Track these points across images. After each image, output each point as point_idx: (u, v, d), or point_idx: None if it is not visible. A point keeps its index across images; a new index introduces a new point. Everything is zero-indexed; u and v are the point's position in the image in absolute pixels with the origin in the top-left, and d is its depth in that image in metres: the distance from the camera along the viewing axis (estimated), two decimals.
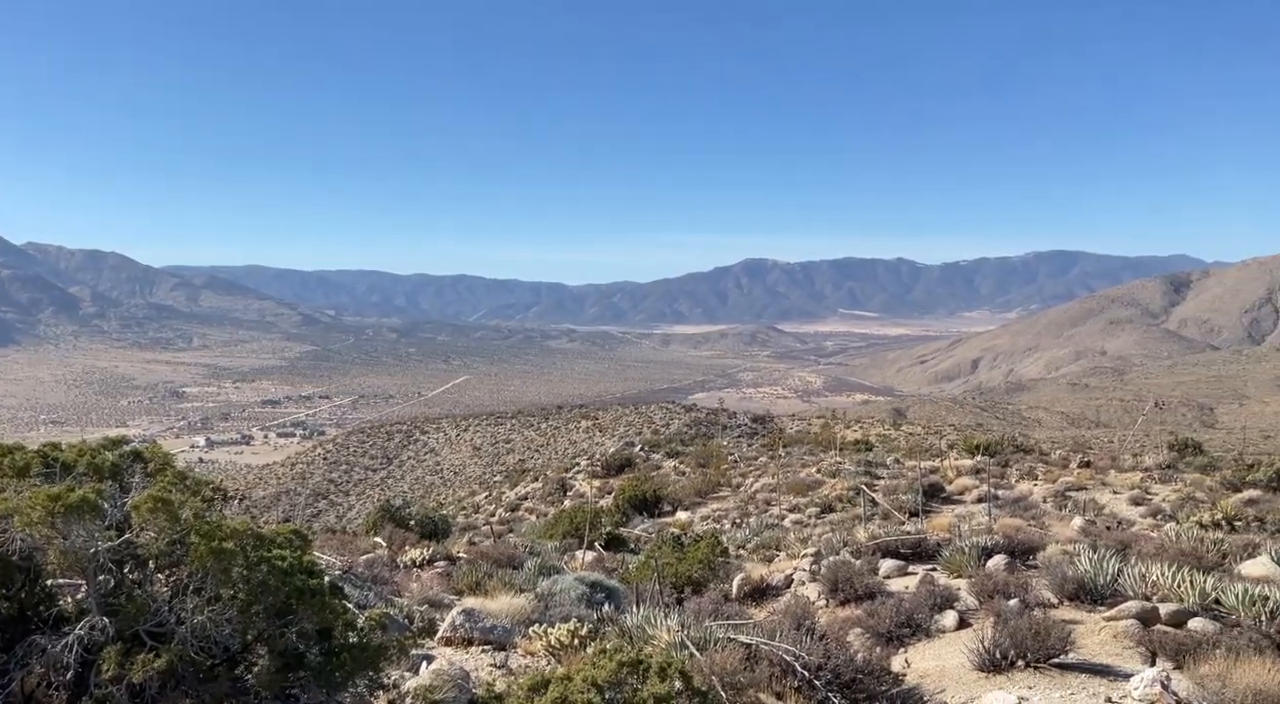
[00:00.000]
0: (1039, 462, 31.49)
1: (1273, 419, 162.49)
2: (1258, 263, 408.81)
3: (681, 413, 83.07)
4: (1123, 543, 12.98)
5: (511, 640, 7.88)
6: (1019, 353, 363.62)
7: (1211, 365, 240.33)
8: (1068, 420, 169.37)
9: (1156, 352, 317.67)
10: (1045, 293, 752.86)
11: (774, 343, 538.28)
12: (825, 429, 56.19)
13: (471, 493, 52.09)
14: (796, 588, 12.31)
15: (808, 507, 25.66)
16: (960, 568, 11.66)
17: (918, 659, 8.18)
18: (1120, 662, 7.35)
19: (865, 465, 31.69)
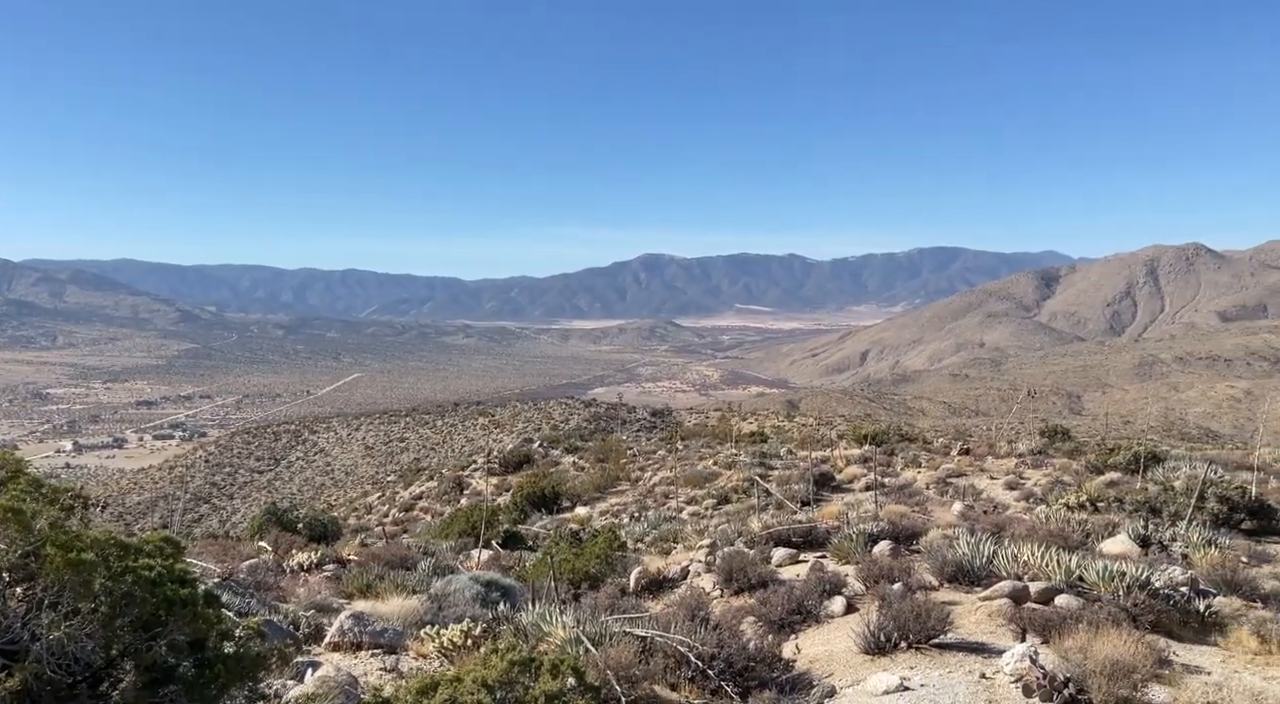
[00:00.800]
0: (923, 450, 32.75)
1: (1132, 405, 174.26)
2: (1119, 259, 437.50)
3: (581, 408, 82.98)
4: (998, 526, 13.64)
5: (403, 643, 7.70)
6: (904, 345, 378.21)
7: (1078, 356, 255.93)
8: (949, 410, 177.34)
9: (1030, 343, 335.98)
10: (929, 288, 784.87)
11: (672, 337, 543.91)
12: (722, 422, 57.12)
13: (364, 493, 50.71)
14: (693, 579, 12.47)
15: (705, 498, 26.00)
16: (848, 554, 12.04)
17: (808, 645, 8.40)
18: (994, 639, 7.73)
19: (760, 456, 32.34)
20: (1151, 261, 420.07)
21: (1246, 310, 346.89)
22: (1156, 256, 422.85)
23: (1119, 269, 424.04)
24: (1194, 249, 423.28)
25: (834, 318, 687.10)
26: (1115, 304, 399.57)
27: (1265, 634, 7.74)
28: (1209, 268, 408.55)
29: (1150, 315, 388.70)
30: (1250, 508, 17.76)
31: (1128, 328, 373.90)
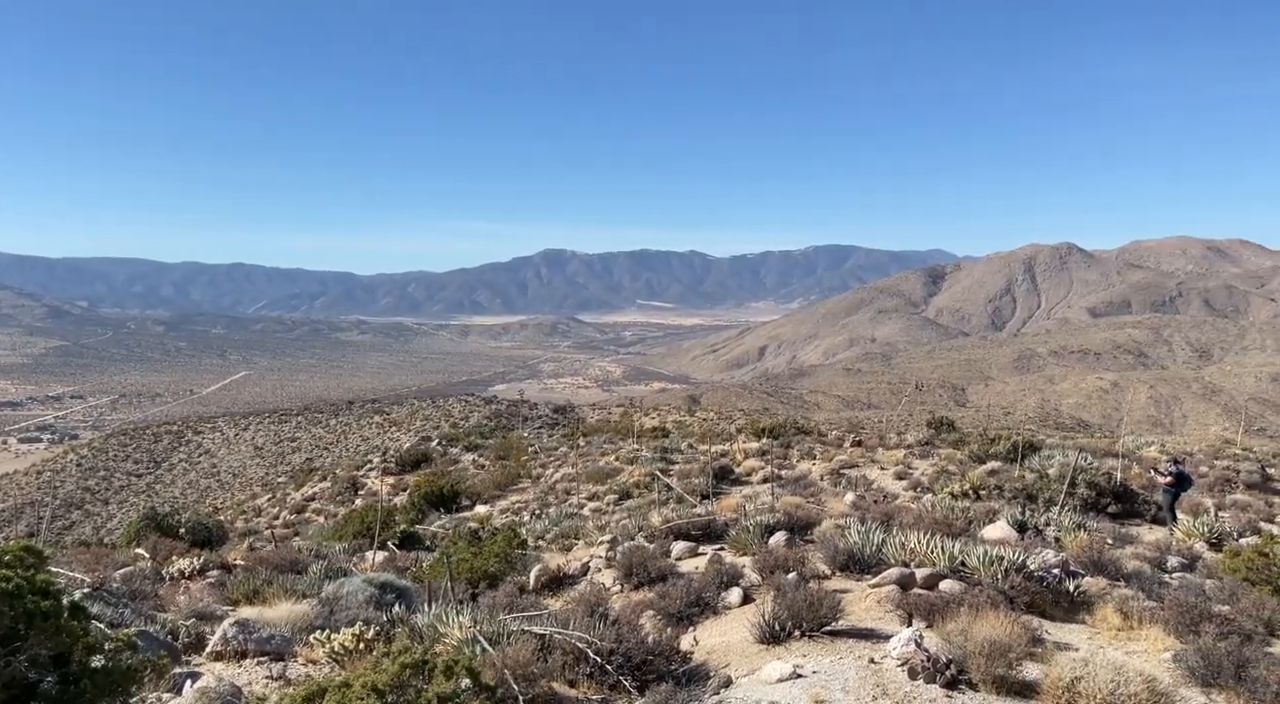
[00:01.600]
0: (818, 442, 33.66)
1: (1012, 397, 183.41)
2: (999, 257, 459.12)
3: (481, 405, 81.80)
4: (887, 515, 14.13)
5: (291, 649, 7.43)
6: (801, 341, 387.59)
7: (963, 350, 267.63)
8: (843, 403, 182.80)
9: (918, 338, 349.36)
10: (824, 284, 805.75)
11: (574, 333, 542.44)
12: (624, 417, 57.27)
13: (252, 496, 48.75)
14: (593, 575, 12.47)
15: (606, 494, 26.05)
16: (746, 546, 12.26)
17: (706, 636, 8.52)
18: (883, 624, 8.00)
19: (662, 452, 32.60)
20: (1029, 260, 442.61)
21: (1113, 307, 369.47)
22: (1033, 255, 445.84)
23: (1000, 267, 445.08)
24: (1067, 249, 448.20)
25: (734, 314, 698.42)
26: (996, 301, 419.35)
27: (1127, 611, 8.27)
28: (1080, 266, 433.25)
29: (1028, 311, 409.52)
30: (1115, 493, 18.97)
31: (1008, 323, 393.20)
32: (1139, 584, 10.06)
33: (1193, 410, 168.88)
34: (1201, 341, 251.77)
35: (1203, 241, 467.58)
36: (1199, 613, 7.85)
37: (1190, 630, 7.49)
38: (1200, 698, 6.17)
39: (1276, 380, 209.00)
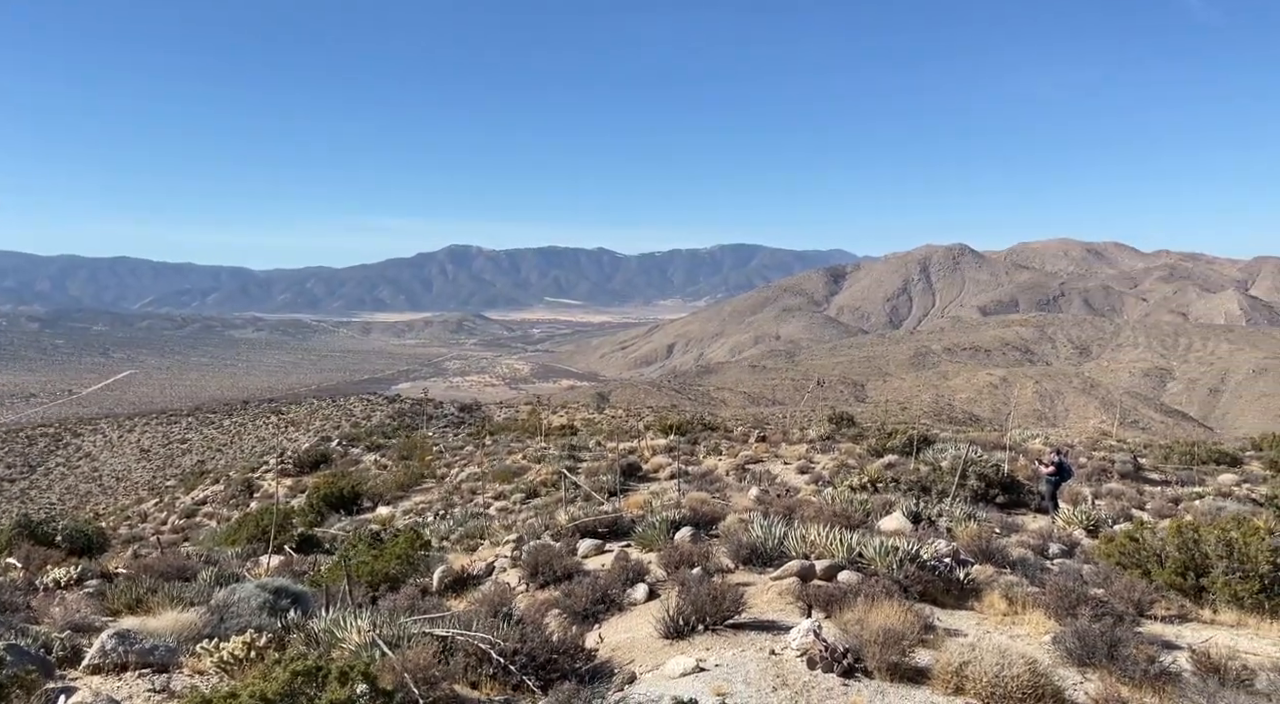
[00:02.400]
0: (724, 438, 34.14)
1: (909, 393, 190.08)
2: (897, 257, 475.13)
3: (384, 404, 79.90)
4: (789, 509, 14.42)
5: (177, 660, 7.09)
6: (708, 338, 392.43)
7: (862, 347, 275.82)
8: (749, 399, 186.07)
9: (820, 336, 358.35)
10: (730, 283, 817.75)
11: (481, 331, 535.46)
12: (532, 416, 56.87)
13: (138, 500, 46.39)
14: (498, 575, 12.34)
15: (513, 493, 25.83)
16: (652, 542, 12.32)
17: (611, 633, 8.53)
18: (784, 616, 8.16)
19: (570, 449, 32.52)
20: (924, 260, 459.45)
21: (1002, 305, 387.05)
22: (929, 256, 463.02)
23: (897, 267, 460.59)
24: (959, 249, 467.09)
25: (642, 312, 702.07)
26: (894, 299, 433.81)
27: (1013, 597, 8.67)
28: (972, 267, 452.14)
29: (924, 310, 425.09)
30: (1003, 483, 19.87)
31: (905, 321, 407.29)
32: (1023, 571, 10.54)
33: (1074, 404, 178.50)
34: (1082, 339, 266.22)
35: (1083, 244, 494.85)
36: (1076, 597, 8.29)
37: (1068, 613, 7.90)
38: (1076, 677, 6.51)
39: (1148, 375, 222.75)
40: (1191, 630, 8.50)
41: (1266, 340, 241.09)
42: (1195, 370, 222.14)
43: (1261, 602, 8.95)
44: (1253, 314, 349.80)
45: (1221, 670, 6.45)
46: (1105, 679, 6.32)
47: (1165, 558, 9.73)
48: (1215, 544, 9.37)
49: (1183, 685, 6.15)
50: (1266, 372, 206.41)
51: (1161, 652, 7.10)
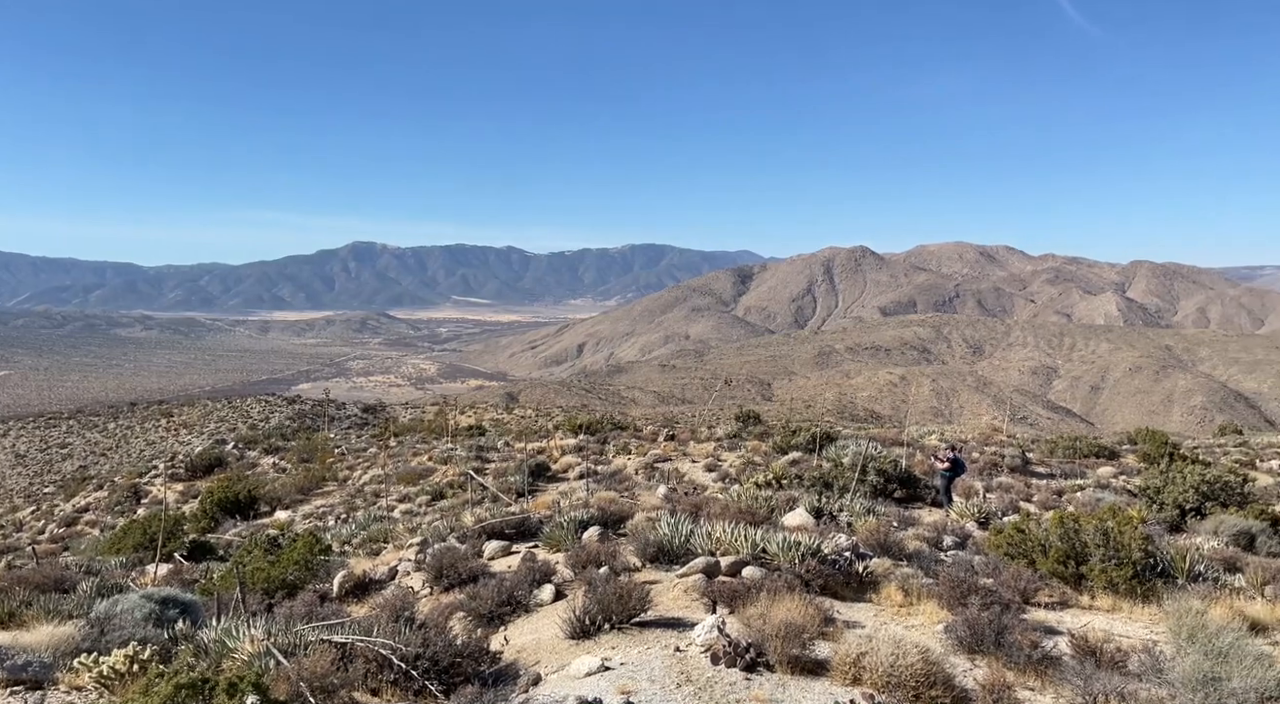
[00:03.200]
0: (633, 437, 34.27)
1: (813, 391, 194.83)
2: (802, 259, 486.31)
3: (283, 405, 77.32)
4: (696, 506, 14.56)
5: (52, 677, 6.69)
6: (618, 338, 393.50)
7: (769, 347, 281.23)
8: (659, 398, 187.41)
9: (728, 335, 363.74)
10: (640, 283, 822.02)
11: (386, 330, 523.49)
12: (439, 416, 55.96)
13: (13, 508, 43.60)
14: (401, 579, 12.08)
15: (419, 495, 25.34)
16: (559, 542, 12.27)
17: (517, 635, 8.45)
18: (689, 613, 8.24)
19: (477, 450, 32.10)
20: (828, 262, 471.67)
21: (901, 306, 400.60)
22: (832, 257, 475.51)
23: (802, 268, 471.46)
24: (861, 252, 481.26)
25: (552, 311, 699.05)
26: (799, 300, 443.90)
27: (908, 588, 8.97)
28: (873, 268, 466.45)
29: (827, 310, 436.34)
30: (901, 478, 20.54)
31: (809, 321, 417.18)
32: (919, 563, 10.92)
33: (968, 401, 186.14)
34: (975, 339, 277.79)
35: (976, 247, 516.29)
36: (967, 587, 8.63)
37: (960, 603, 8.22)
38: (966, 664, 6.77)
39: (1036, 373, 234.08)
40: (1072, 616, 8.96)
41: (1141, 340, 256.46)
42: (1078, 368, 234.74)
43: (1134, 587, 9.50)
44: (1129, 315, 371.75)
45: (1098, 654, 6.82)
46: (993, 665, 6.61)
47: (1049, 548, 10.22)
48: (1093, 534, 9.89)
49: (1063, 669, 6.47)
50: (1141, 370, 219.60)
51: (1044, 637, 7.46)
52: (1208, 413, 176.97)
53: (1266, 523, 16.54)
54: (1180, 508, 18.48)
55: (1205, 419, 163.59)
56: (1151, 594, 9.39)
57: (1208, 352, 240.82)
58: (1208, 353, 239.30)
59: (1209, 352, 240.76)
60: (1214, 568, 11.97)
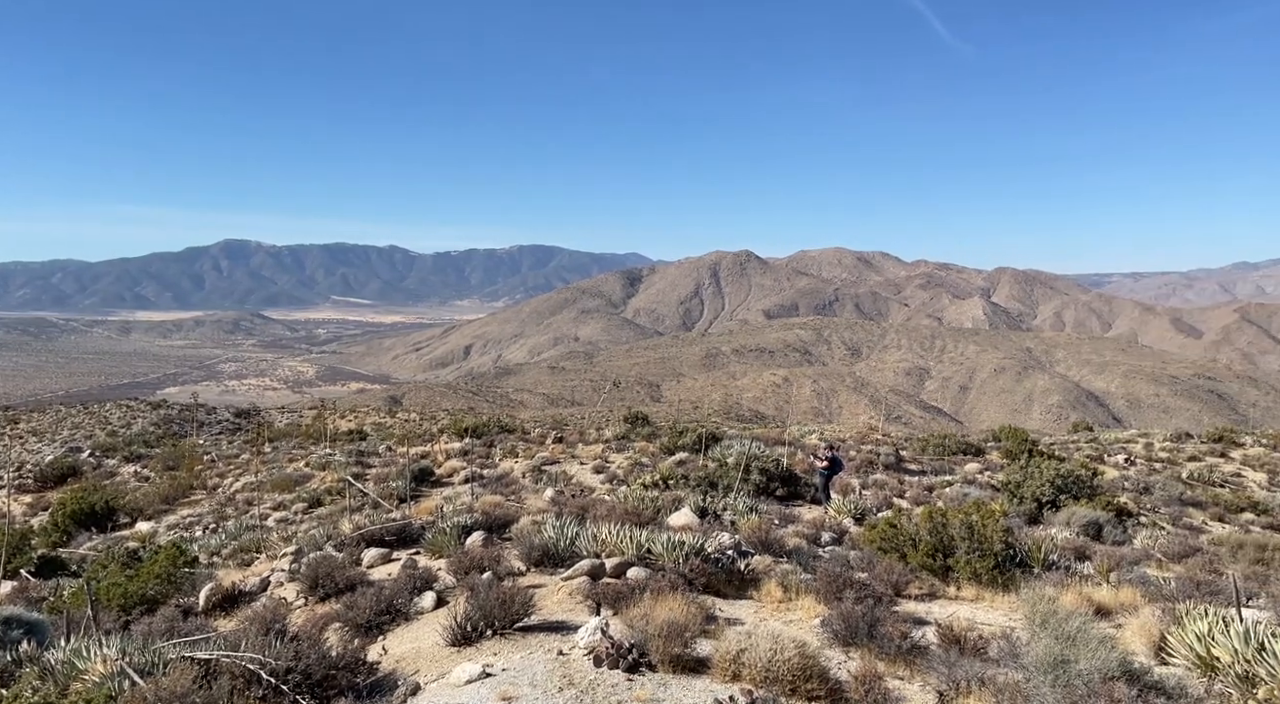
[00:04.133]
0: (521, 440, 33.94)
1: (701, 392, 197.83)
2: (690, 262, 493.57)
3: (147, 411, 72.93)
4: (583, 508, 14.55)
5: None
6: (506, 339, 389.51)
7: (658, 349, 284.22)
8: (548, 400, 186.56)
9: (618, 337, 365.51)
10: (529, 284, 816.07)
11: (261, 331, 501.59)
12: (317, 420, 54.00)
13: None
14: (274, 590, 11.58)
15: (294, 503, 24.38)
16: (442, 548, 12.01)
17: (396, 644, 8.22)
18: (574, 616, 8.21)
19: (358, 455, 31.17)
20: (715, 265, 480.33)
21: (784, 309, 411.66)
22: (719, 261, 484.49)
23: (690, 272, 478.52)
24: (746, 256, 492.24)
25: (438, 312, 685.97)
26: (687, 302, 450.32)
27: (787, 584, 9.20)
28: (757, 273, 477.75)
29: (714, 313, 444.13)
30: (783, 477, 21.08)
31: (697, 323, 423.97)
32: (798, 559, 11.22)
33: (847, 401, 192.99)
34: (853, 341, 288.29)
35: (854, 253, 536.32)
36: (843, 581, 8.93)
37: (836, 597, 8.49)
38: (841, 657, 7.00)
39: (909, 374, 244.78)
40: (940, 606, 9.39)
41: (1005, 342, 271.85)
42: (948, 369, 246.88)
43: (996, 577, 10.04)
44: (994, 319, 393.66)
45: (961, 642, 7.17)
46: (865, 657, 6.85)
47: (919, 542, 10.69)
48: (959, 528, 10.41)
49: (929, 658, 6.77)
50: (1005, 370, 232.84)
51: (914, 628, 7.79)
52: (1063, 411, 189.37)
53: (1112, 514, 17.79)
54: (1038, 501, 19.67)
55: (1061, 417, 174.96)
56: (1011, 583, 9.95)
57: (1063, 353, 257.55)
58: (1063, 355, 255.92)
59: (1064, 353, 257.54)
60: (1066, 557, 12.80)
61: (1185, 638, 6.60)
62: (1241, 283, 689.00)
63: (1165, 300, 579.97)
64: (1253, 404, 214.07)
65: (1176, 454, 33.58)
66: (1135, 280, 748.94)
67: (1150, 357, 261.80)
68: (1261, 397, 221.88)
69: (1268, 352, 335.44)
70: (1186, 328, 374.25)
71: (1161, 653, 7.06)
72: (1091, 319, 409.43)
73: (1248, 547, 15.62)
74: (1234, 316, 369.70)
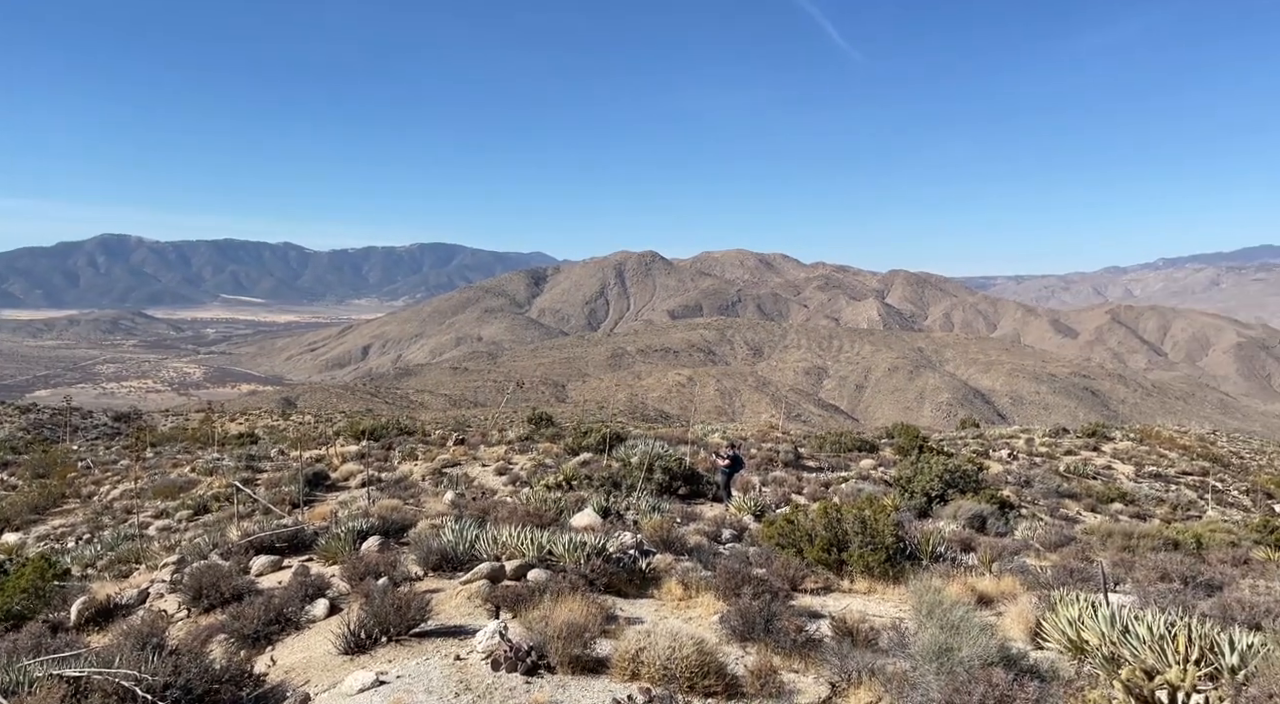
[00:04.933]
0: (421, 442, 33.26)
1: (606, 392, 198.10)
2: (595, 262, 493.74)
3: (15, 415, 68.30)
4: (484, 511, 14.35)
5: None
6: (407, 339, 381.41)
7: (563, 349, 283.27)
8: (450, 402, 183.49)
9: (522, 337, 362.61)
10: (430, 283, 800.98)
11: (143, 330, 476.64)
12: (205, 423, 51.70)
13: None
14: (154, 602, 11.01)
15: (179, 510, 23.26)
16: (336, 554, 11.66)
17: (285, 654, 7.94)
18: (472, 620, 8.08)
19: (248, 459, 29.98)
20: (620, 265, 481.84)
21: (688, 309, 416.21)
22: (624, 261, 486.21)
23: (595, 272, 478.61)
24: (651, 257, 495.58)
25: (334, 311, 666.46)
26: (593, 302, 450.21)
27: (688, 582, 9.29)
28: (662, 273, 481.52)
29: (620, 313, 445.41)
30: (685, 476, 21.30)
31: (602, 324, 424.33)
32: (699, 557, 11.35)
33: (749, 400, 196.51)
34: (755, 341, 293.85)
35: (756, 254, 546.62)
36: (741, 578, 9.06)
37: (734, 593, 8.61)
38: (738, 652, 7.11)
39: (809, 373, 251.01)
40: (834, 600, 9.65)
41: (899, 342, 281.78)
42: (845, 368, 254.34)
43: (887, 570, 10.38)
44: (888, 319, 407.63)
45: (854, 634, 7.38)
46: (762, 651, 6.97)
47: (815, 537, 10.95)
48: (853, 522, 10.71)
49: (824, 650, 6.93)
50: (898, 369, 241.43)
51: (809, 622, 7.98)
52: (952, 408, 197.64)
53: (995, 506, 18.65)
54: (927, 495, 20.45)
55: (950, 414, 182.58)
56: (901, 575, 10.30)
57: (952, 353, 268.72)
58: (952, 354, 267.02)
59: (953, 353, 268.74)
60: (953, 549, 13.34)
61: (1058, 623, 6.96)
62: (1112, 286, 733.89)
63: (1045, 302, 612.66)
64: (1122, 401, 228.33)
65: (1054, 449, 35.47)
66: (1018, 283, 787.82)
67: (1031, 356, 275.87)
68: (1130, 394, 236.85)
69: (1135, 351, 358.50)
70: (1064, 328, 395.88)
71: (1037, 638, 7.43)
72: (978, 320, 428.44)
73: (1116, 535, 16.63)
74: (1106, 318, 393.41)
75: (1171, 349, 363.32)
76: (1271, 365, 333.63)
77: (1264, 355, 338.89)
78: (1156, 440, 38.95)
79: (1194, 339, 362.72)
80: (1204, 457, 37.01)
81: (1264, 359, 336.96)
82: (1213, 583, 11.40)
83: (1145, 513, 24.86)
